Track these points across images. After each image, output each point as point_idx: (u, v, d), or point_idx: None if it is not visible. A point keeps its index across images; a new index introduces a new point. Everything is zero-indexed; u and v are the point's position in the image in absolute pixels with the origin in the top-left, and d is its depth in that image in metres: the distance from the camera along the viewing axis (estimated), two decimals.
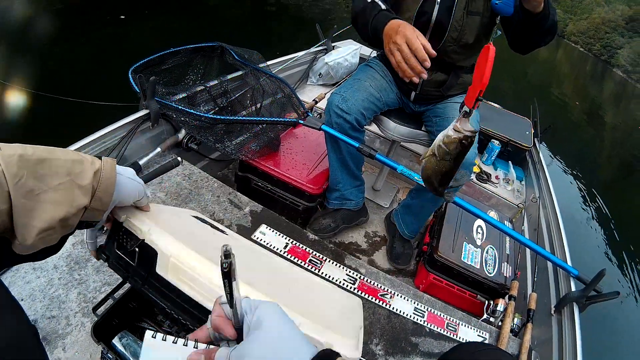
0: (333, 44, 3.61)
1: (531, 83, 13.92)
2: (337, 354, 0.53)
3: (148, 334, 0.60)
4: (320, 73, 3.38)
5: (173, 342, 0.60)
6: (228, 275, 0.53)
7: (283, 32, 9.00)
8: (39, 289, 1.31)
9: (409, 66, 1.38)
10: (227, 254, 0.52)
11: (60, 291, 1.32)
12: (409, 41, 1.36)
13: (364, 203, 2.30)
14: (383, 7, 1.60)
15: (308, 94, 3.25)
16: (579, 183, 6.47)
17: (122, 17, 7.38)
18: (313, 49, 3.46)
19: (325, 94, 2.91)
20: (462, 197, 2.34)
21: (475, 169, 2.89)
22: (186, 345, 0.60)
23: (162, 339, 0.60)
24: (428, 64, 1.35)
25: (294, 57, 3.14)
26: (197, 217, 1.17)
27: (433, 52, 1.36)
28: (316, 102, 2.79)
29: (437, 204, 2.14)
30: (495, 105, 3.57)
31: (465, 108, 1.18)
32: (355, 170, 2.09)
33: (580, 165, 7.16)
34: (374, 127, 2.26)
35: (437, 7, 1.77)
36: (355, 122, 1.88)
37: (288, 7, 12.01)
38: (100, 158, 0.72)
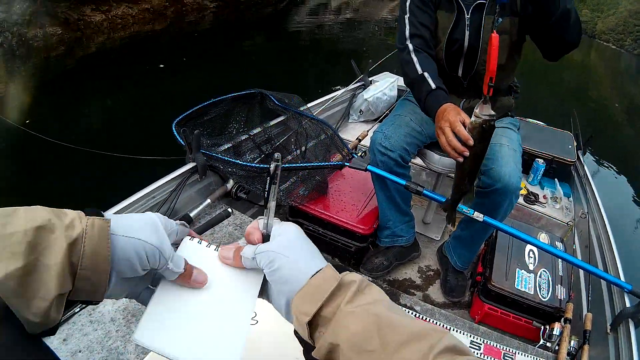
0: (370, 79, 3.75)
1: (569, 90, 13.81)
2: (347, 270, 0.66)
3: (187, 238, 0.70)
4: (361, 110, 3.51)
5: (207, 246, 0.70)
6: (272, 177, 0.66)
7: (319, 70, 9.37)
8: (97, 341, 1.39)
9: (452, 147, 1.55)
10: (276, 159, 0.65)
11: (118, 343, 1.39)
12: (452, 124, 1.55)
13: (415, 238, 2.37)
14: (433, 85, 1.77)
15: (351, 132, 3.37)
16: (627, 191, 6.40)
17: (161, 66, 7.77)
18: (351, 86, 3.59)
19: (368, 131, 3.01)
20: (511, 221, 2.41)
21: (523, 192, 2.92)
22: (216, 251, 0.71)
23: (198, 242, 0.70)
24: (471, 142, 1.50)
25: (334, 97, 3.27)
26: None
27: (467, 135, 1.50)
28: (360, 141, 2.89)
29: (487, 232, 2.20)
30: (536, 122, 3.62)
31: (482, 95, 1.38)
32: (403, 207, 2.17)
33: (627, 171, 7.09)
34: (419, 160, 2.35)
35: (467, 33, 1.90)
36: (400, 159, 1.98)
37: (321, 42, 12.50)
38: (87, 214, 0.55)
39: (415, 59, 1.86)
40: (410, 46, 1.89)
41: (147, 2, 14.36)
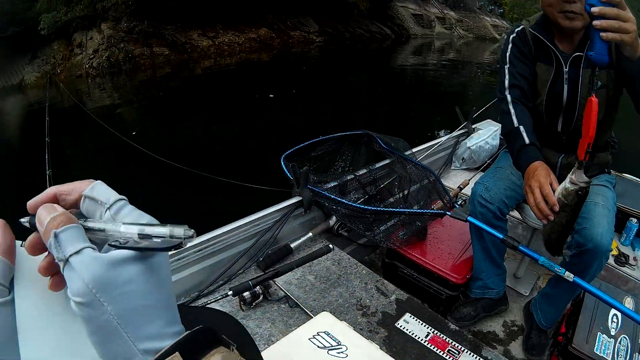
0: (473, 126, 4.15)
1: None
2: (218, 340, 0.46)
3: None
4: (464, 157, 3.88)
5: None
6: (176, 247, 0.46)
7: (422, 111, 10.06)
8: None
9: (539, 209, 1.80)
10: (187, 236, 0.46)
11: None
12: (541, 187, 1.79)
13: (504, 291, 2.65)
14: (526, 140, 2.03)
15: (453, 179, 3.73)
16: None
17: (271, 95, 8.43)
18: (455, 133, 3.99)
19: (469, 180, 3.32)
20: (599, 282, 2.67)
21: (614, 252, 3.13)
22: None
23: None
24: (557, 208, 1.74)
25: (438, 143, 3.64)
26: None
27: (554, 200, 1.76)
28: (461, 189, 3.21)
29: (574, 293, 2.44)
30: (633, 178, 3.83)
31: (578, 160, 1.61)
32: (498, 260, 2.46)
33: None
34: (516, 213, 2.63)
35: (566, 87, 2.17)
36: (498, 211, 2.27)
37: (425, 82, 13.26)
38: None
39: (512, 110, 2.15)
40: (509, 97, 2.18)
41: (254, 31, 15.85)
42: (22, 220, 0.52)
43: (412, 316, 2.24)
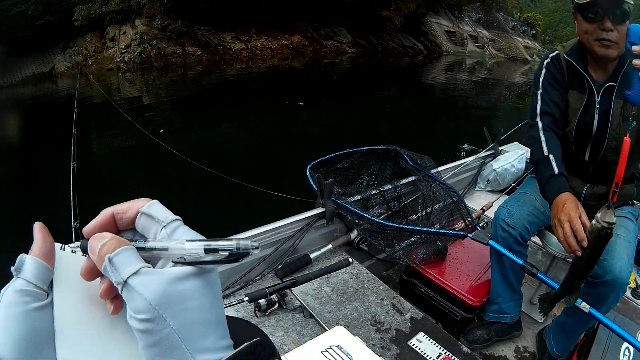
0: (500, 148, 4.15)
1: None
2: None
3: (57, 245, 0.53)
4: (489, 179, 3.89)
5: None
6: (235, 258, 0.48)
7: (451, 128, 10.19)
8: None
9: (568, 244, 1.78)
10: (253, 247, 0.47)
11: None
12: (571, 221, 1.77)
13: (519, 317, 2.64)
14: (556, 170, 2.02)
15: (476, 201, 3.73)
16: None
17: (301, 103, 8.58)
18: (482, 154, 4.02)
19: (493, 202, 3.32)
20: (614, 314, 2.66)
21: (632, 285, 3.09)
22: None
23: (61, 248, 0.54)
24: (585, 243, 1.71)
25: (464, 163, 3.68)
26: None
27: (584, 236, 1.73)
28: (484, 211, 3.22)
29: (589, 323, 2.43)
30: None
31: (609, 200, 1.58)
32: (515, 285, 2.46)
33: None
34: (536, 239, 2.64)
35: (596, 116, 2.15)
36: (519, 237, 2.27)
37: (454, 100, 13.44)
38: None
39: (543, 137, 2.13)
40: (540, 124, 2.17)
41: (287, 38, 16.18)
42: (71, 245, 0.54)
43: (426, 335, 2.25)
